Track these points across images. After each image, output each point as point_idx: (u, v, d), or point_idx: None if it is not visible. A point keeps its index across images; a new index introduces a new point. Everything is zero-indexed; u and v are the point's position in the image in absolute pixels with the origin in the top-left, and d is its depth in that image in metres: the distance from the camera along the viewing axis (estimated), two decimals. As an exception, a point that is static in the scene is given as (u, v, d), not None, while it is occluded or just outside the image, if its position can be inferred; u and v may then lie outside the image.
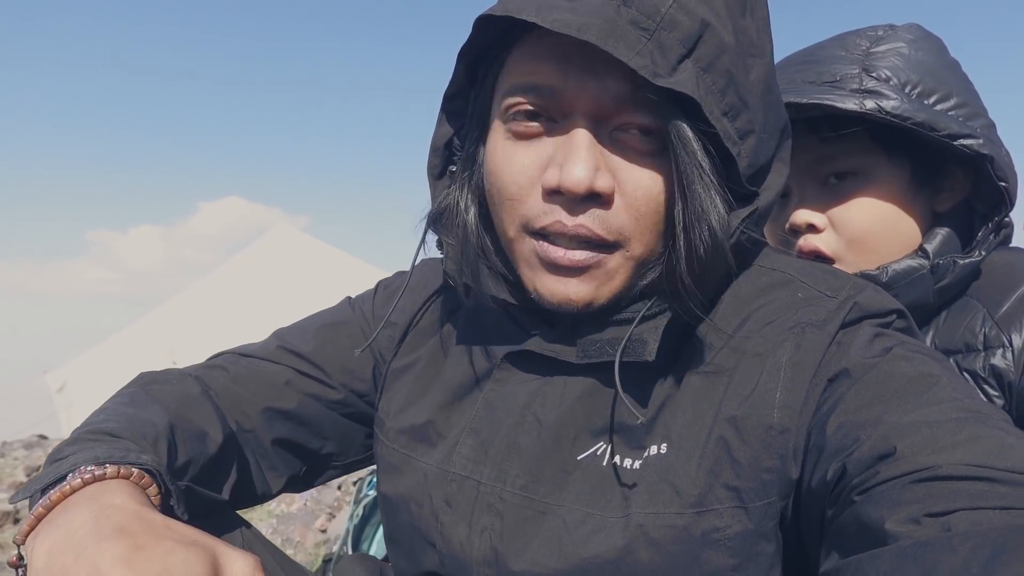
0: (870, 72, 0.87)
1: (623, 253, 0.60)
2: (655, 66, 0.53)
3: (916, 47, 0.91)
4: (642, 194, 0.58)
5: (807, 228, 0.90)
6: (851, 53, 0.91)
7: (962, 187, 0.91)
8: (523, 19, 0.54)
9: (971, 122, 0.87)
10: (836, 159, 0.89)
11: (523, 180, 0.60)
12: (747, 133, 0.59)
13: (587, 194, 0.57)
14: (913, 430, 0.47)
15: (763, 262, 0.66)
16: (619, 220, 0.58)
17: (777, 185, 0.64)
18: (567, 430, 0.63)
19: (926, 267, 0.86)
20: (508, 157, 0.61)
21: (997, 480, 0.41)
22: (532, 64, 0.59)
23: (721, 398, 0.59)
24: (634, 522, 0.57)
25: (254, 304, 7.27)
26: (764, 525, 0.56)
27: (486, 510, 0.64)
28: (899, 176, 0.89)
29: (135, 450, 0.59)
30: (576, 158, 0.56)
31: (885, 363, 0.54)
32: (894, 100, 0.84)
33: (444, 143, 0.69)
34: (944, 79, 0.89)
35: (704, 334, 0.62)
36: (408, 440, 0.73)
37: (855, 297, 0.60)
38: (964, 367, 0.85)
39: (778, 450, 0.56)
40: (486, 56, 0.64)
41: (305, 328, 0.83)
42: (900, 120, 0.83)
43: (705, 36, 0.55)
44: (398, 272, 0.89)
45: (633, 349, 0.60)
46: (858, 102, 0.83)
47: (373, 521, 2.54)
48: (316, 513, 3.77)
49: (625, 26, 0.54)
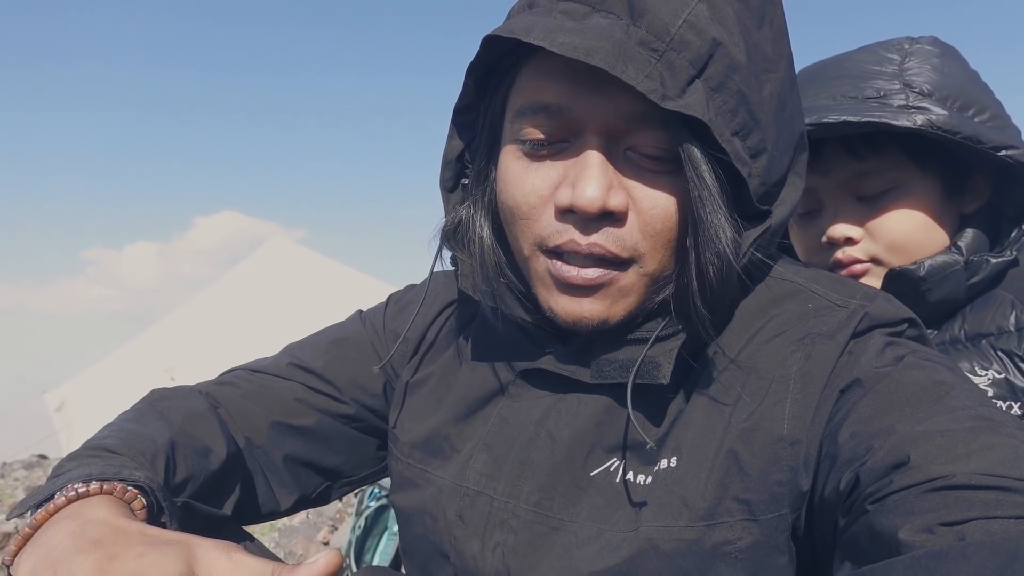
0: (912, 87, 0.89)
1: (637, 270, 0.59)
2: (664, 88, 0.53)
3: (944, 60, 0.93)
4: (658, 212, 0.58)
5: (845, 241, 0.93)
6: (885, 67, 0.93)
7: (986, 190, 0.95)
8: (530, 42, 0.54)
9: (1006, 131, 0.90)
10: (871, 176, 0.92)
11: (535, 200, 0.60)
12: (759, 152, 0.58)
13: (600, 213, 0.56)
14: (927, 439, 0.46)
15: (773, 272, 0.66)
16: (633, 238, 0.58)
17: (792, 199, 0.63)
18: (580, 447, 0.63)
19: (960, 263, 0.90)
20: (520, 177, 0.61)
21: (1012, 489, 0.41)
22: (541, 83, 0.58)
23: (731, 410, 0.59)
24: (643, 535, 0.57)
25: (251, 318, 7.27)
26: (775, 537, 0.55)
27: (499, 526, 0.64)
28: (931, 186, 0.92)
29: (131, 466, 0.59)
30: (588, 177, 0.56)
31: (897, 372, 0.54)
32: (943, 114, 0.86)
33: (456, 156, 0.69)
34: (975, 91, 0.92)
35: (716, 348, 0.62)
36: (422, 454, 0.73)
37: (866, 307, 0.60)
38: (999, 347, 0.88)
39: (788, 462, 0.55)
40: (496, 70, 0.64)
41: (316, 343, 0.83)
42: (950, 135, 0.85)
43: (716, 56, 0.55)
44: (409, 285, 0.88)
45: (647, 371, 0.59)
46: (910, 118, 0.85)
47: (375, 532, 2.53)
48: (318, 526, 3.76)
49: (634, 48, 0.53)
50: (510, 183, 0.62)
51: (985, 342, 0.89)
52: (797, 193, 0.64)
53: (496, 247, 0.68)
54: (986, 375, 0.88)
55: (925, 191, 0.92)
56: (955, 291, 0.91)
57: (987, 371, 0.88)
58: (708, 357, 0.62)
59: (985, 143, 0.86)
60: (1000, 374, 0.87)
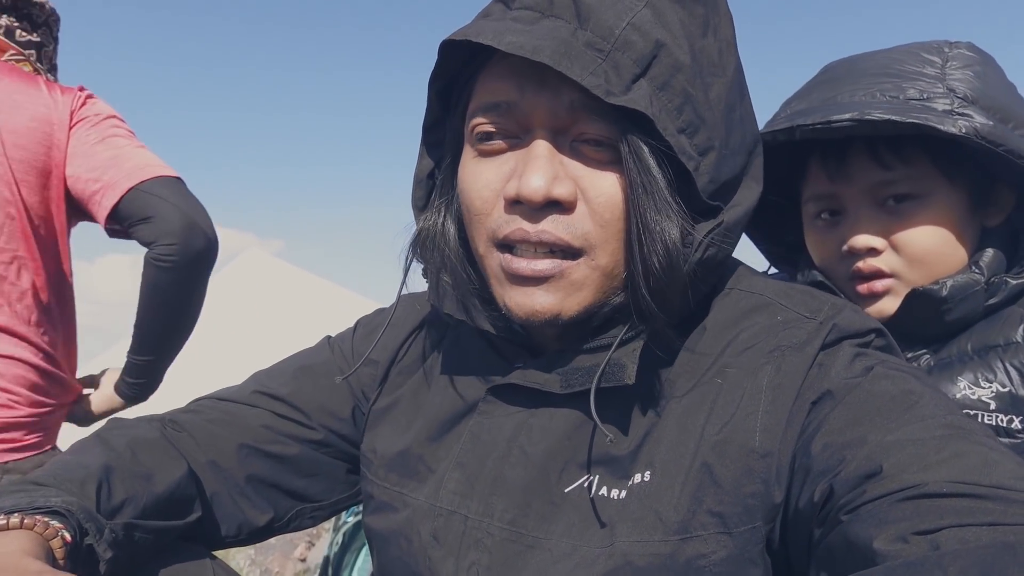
0: (956, 93, 0.87)
1: (588, 262, 0.60)
2: (609, 85, 0.54)
3: (986, 68, 0.91)
4: (604, 200, 0.58)
5: (868, 251, 0.90)
6: (927, 69, 0.90)
7: (1009, 203, 0.93)
8: (480, 42, 0.56)
9: None
10: (897, 183, 0.89)
11: (487, 194, 0.61)
12: (707, 149, 0.59)
13: (545, 202, 0.58)
14: (898, 448, 0.47)
15: (742, 285, 0.66)
16: (584, 226, 0.59)
17: (748, 202, 0.64)
18: (554, 463, 0.63)
19: (981, 283, 0.87)
20: (475, 174, 0.62)
21: (983, 496, 0.41)
22: (493, 84, 0.61)
23: (703, 424, 0.59)
24: (618, 551, 0.57)
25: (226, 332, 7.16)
26: (750, 550, 0.56)
27: (474, 545, 0.63)
28: (957, 198, 0.90)
29: (52, 494, 0.58)
30: (533, 168, 0.57)
31: (867, 382, 0.54)
32: (988, 124, 0.83)
33: (427, 175, 0.70)
34: (1014, 103, 0.90)
35: (686, 361, 0.62)
36: (395, 476, 0.72)
37: (834, 318, 0.61)
38: (1006, 359, 0.86)
39: (760, 474, 0.56)
40: (456, 83, 0.65)
41: (283, 371, 0.82)
42: (993, 145, 0.82)
43: (660, 56, 0.57)
44: (378, 310, 0.88)
45: (612, 374, 0.59)
46: (955, 124, 0.82)
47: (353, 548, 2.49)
48: (295, 542, 3.70)
49: (580, 48, 0.55)
50: (466, 182, 0.63)
51: (993, 353, 0.87)
52: (754, 196, 0.65)
53: (461, 255, 0.68)
54: (990, 387, 0.87)
55: (951, 202, 0.89)
56: (974, 311, 0.89)
57: (991, 384, 0.87)
58: (678, 368, 0.62)
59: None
60: (1005, 387, 0.86)
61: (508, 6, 0.61)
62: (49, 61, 1.39)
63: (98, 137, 1.24)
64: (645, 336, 0.60)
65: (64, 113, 1.22)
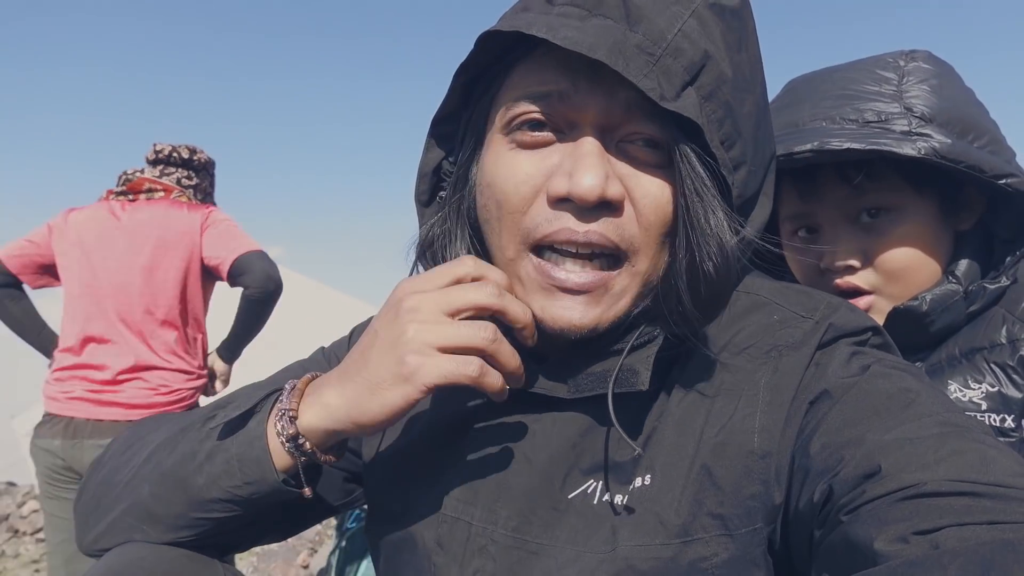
0: (913, 111, 0.88)
1: (629, 269, 0.59)
2: (662, 89, 0.54)
3: (942, 81, 0.92)
4: (650, 202, 0.58)
5: (845, 269, 0.92)
6: (883, 88, 0.91)
7: (980, 205, 0.94)
8: (533, 35, 0.55)
9: (1002, 156, 0.89)
10: (866, 197, 0.91)
11: (526, 190, 0.59)
12: (740, 164, 0.59)
13: (598, 202, 0.56)
14: (896, 447, 0.47)
15: (739, 286, 0.66)
16: (630, 229, 0.58)
17: (760, 219, 0.64)
18: (558, 469, 0.62)
19: (960, 292, 0.90)
20: (510, 166, 0.60)
21: (982, 495, 0.41)
22: (540, 75, 0.59)
23: (702, 426, 0.59)
24: (621, 555, 0.57)
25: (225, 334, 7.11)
26: (751, 552, 0.55)
27: (478, 552, 0.63)
28: (928, 208, 0.92)
29: None
30: (587, 165, 0.56)
31: (864, 381, 0.54)
32: (947, 142, 0.85)
33: (432, 169, 0.68)
34: (973, 114, 0.91)
35: (687, 362, 0.62)
36: (398, 483, 0.71)
37: (830, 317, 0.60)
38: (992, 360, 0.88)
39: (760, 475, 0.56)
40: (482, 78, 0.64)
41: (277, 382, 0.79)
42: (953, 163, 0.84)
43: (707, 66, 0.56)
44: (371, 317, 0.87)
45: (626, 380, 0.59)
46: (914, 146, 0.84)
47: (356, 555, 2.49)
48: (297, 549, 3.69)
49: (632, 49, 0.54)
50: (498, 174, 0.60)
51: (979, 356, 0.89)
52: (765, 213, 0.65)
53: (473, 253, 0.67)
54: (979, 388, 0.88)
55: (922, 214, 0.91)
56: (956, 319, 0.91)
57: (980, 384, 0.88)
58: (680, 369, 0.62)
59: (987, 172, 0.85)
60: (993, 387, 0.87)
61: (550, 1, 0.59)
62: (204, 192, 2.46)
63: (216, 234, 2.26)
64: (661, 340, 0.60)
65: (197, 224, 2.24)
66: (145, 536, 0.64)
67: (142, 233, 2.18)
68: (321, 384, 0.60)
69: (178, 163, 2.37)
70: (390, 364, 0.55)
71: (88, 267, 2.16)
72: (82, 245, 2.18)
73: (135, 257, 2.16)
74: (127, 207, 2.24)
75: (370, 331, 0.59)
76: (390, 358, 0.56)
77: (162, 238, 2.19)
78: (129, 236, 2.18)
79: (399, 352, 0.55)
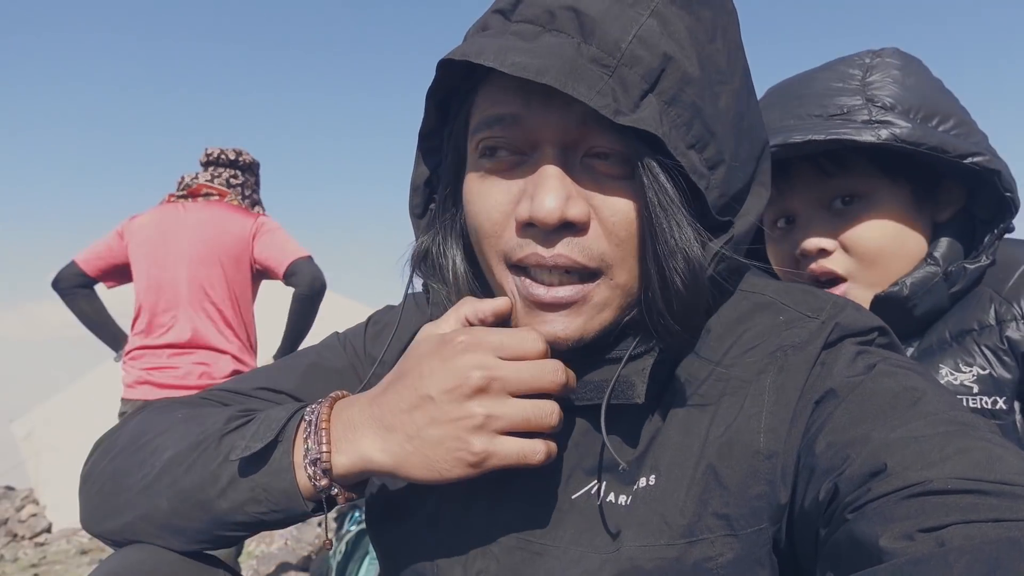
0: (875, 102, 0.91)
1: (608, 282, 0.58)
2: (617, 104, 0.53)
3: (906, 72, 0.95)
4: (620, 219, 0.57)
5: (818, 253, 0.94)
6: (848, 83, 0.94)
7: (959, 197, 0.96)
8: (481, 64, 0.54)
9: (971, 139, 0.91)
10: (839, 185, 0.93)
11: (497, 216, 0.60)
12: (717, 163, 0.58)
13: (559, 224, 0.56)
14: (902, 445, 0.47)
15: (743, 286, 0.66)
16: (599, 246, 0.57)
17: (757, 209, 0.63)
18: (561, 469, 0.63)
19: (939, 274, 0.91)
20: (482, 194, 0.61)
21: (988, 492, 0.41)
22: (496, 97, 0.59)
23: (708, 426, 0.59)
24: (625, 555, 0.57)
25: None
26: (756, 551, 0.55)
27: (481, 554, 0.63)
28: (901, 196, 0.93)
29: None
30: (546, 188, 0.55)
31: (870, 380, 0.54)
32: (906, 127, 0.87)
33: (423, 182, 0.69)
34: (938, 100, 0.93)
35: (690, 365, 0.62)
36: (399, 483, 0.71)
37: (836, 317, 0.60)
38: (982, 343, 0.90)
39: (766, 475, 0.55)
40: (456, 94, 0.64)
41: (293, 367, 0.80)
42: (915, 146, 0.86)
43: (668, 70, 0.55)
44: (387, 306, 0.87)
45: (622, 392, 0.59)
46: (874, 133, 0.86)
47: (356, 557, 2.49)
48: (297, 552, 3.69)
49: (586, 65, 0.53)
50: (474, 202, 0.61)
51: (969, 338, 0.91)
52: (762, 202, 0.64)
53: (469, 273, 0.67)
54: (970, 371, 0.89)
55: (895, 201, 0.93)
56: (939, 302, 0.92)
57: (971, 367, 0.89)
58: (683, 372, 0.62)
59: (950, 152, 0.87)
60: (984, 370, 0.88)
61: (507, 18, 0.59)
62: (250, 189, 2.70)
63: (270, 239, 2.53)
64: (657, 353, 0.60)
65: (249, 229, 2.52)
66: (167, 544, 0.63)
67: (202, 231, 2.48)
68: (355, 425, 0.58)
69: (226, 163, 2.65)
70: (451, 444, 0.54)
71: (156, 262, 2.47)
72: (150, 243, 2.48)
73: (196, 251, 2.46)
74: (188, 207, 2.54)
75: (415, 380, 0.56)
76: (449, 437, 0.54)
77: (219, 237, 2.48)
78: (190, 233, 2.48)
79: (461, 434, 0.54)
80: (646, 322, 0.59)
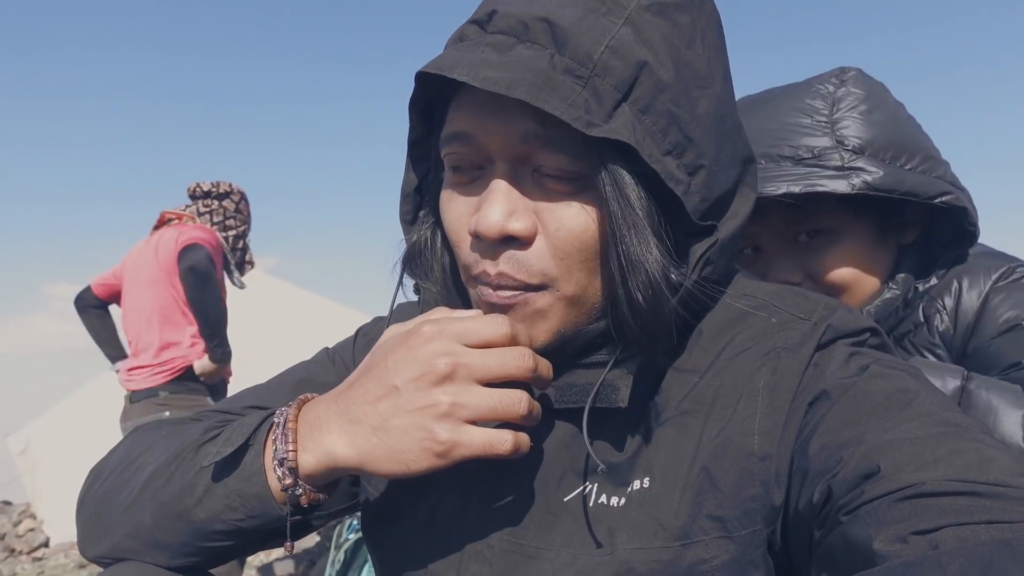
0: (844, 145, 0.92)
1: (552, 292, 0.58)
2: (590, 115, 0.52)
3: (871, 103, 0.95)
4: (564, 234, 0.57)
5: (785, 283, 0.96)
6: (815, 119, 0.95)
7: (922, 221, 0.98)
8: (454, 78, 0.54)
9: (936, 173, 0.93)
10: (805, 221, 0.95)
11: (458, 227, 0.61)
12: (696, 168, 0.58)
13: (501, 237, 0.56)
14: (895, 447, 0.47)
15: (736, 288, 0.66)
16: (541, 262, 0.57)
17: (744, 211, 0.63)
18: (552, 473, 0.63)
19: (900, 298, 0.95)
20: (448, 208, 0.62)
21: (981, 494, 0.41)
22: (458, 113, 0.59)
23: (702, 428, 0.59)
24: (619, 558, 0.57)
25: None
26: (751, 553, 0.55)
27: (474, 558, 0.63)
28: (865, 229, 0.96)
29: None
30: (489, 202, 0.56)
31: (862, 382, 0.54)
32: (878, 173, 0.88)
33: (414, 188, 0.69)
34: (904, 136, 0.95)
35: (681, 368, 0.62)
36: (393, 489, 0.71)
37: (828, 318, 0.60)
38: (917, 343, 0.95)
39: (760, 477, 0.55)
40: (439, 102, 0.64)
41: (282, 384, 0.80)
42: (888, 193, 0.88)
43: (641, 78, 0.54)
44: (376, 318, 0.87)
45: (606, 396, 0.59)
46: (848, 183, 0.88)
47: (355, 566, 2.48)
48: (296, 561, 3.67)
49: (559, 76, 0.53)
50: (444, 215, 0.62)
51: (906, 340, 0.96)
52: (749, 204, 0.64)
53: (448, 260, 0.68)
54: None
55: (859, 234, 0.95)
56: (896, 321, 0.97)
57: None
58: (674, 375, 0.62)
59: (921, 195, 0.89)
60: None
61: (483, 28, 0.59)
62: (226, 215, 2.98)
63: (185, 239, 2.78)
64: (640, 358, 0.60)
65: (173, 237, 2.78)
66: (154, 560, 0.63)
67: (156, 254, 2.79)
68: (320, 422, 0.57)
69: (199, 196, 2.98)
70: (416, 434, 0.53)
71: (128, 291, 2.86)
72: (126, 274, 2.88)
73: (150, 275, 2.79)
74: (155, 235, 2.88)
75: (381, 372, 0.55)
76: (415, 427, 0.53)
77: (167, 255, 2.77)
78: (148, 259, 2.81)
79: (427, 423, 0.53)
80: (617, 331, 0.59)
